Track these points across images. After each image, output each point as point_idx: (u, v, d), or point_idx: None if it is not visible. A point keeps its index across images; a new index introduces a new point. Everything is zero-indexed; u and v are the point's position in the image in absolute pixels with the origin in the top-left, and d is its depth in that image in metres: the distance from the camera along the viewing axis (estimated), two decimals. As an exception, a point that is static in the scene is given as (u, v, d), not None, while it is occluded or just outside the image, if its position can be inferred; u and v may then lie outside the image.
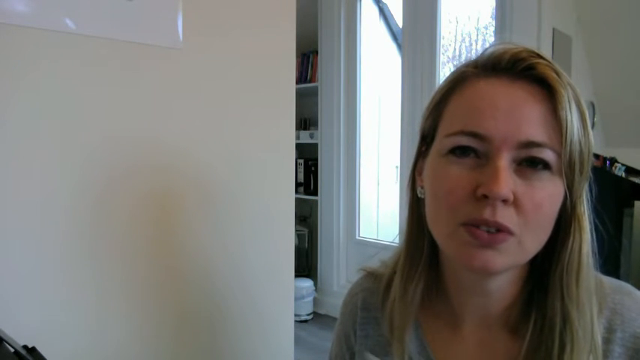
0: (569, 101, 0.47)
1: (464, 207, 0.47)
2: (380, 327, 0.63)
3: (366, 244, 3.12)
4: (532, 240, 0.48)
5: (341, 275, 3.23)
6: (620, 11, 2.50)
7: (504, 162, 0.46)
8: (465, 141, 0.48)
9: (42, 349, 0.55)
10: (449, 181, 0.49)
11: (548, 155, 0.46)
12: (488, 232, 0.46)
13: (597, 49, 2.66)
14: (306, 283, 3.09)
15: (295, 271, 1.15)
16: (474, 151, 0.48)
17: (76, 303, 0.78)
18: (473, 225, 0.47)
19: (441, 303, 0.60)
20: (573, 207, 0.49)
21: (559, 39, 2.37)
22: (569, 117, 0.46)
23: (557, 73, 0.48)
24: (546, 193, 0.47)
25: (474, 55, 0.54)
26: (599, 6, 2.56)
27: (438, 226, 0.52)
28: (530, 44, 0.52)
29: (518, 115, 0.46)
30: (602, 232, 0.54)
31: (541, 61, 0.48)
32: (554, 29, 2.33)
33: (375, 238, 3.22)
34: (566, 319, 0.50)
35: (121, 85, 0.82)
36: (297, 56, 3.18)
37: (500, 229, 0.46)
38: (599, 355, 0.50)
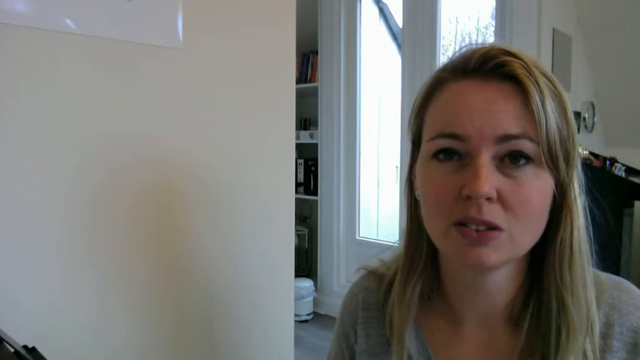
0: (541, 94, 0.47)
1: (452, 208, 0.49)
2: (380, 326, 0.63)
3: (366, 244, 3.12)
4: (524, 234, 0.49)
5: (341, 275, 3.23)
6: (620, 11, 2.50)
7: (484, 160, 0.47)
8: (445, 143, 0.49)
9: (42, 349, 0.55)
10: (435, 185, 0.51)
11: (526, 146, 0.47)
12: (477, 230, 0.47)
13: (597, 49, 2.66)
14: (306, 283, 3.09)
15: (295, 271, 1.15)
16: (457, 153, 0.49)
17: (75, 302, 0.78)
18: (462, 224, 0.48)
19: (441, 302, 0.60)
20: (563, 195, 0.50)
21: (559, 39, 2.37)
22: (541, 109, 0.47)
23: (527, 68, 0.48)
24: (533, 188, 0.48)
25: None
26: (599, 6, 2.56)
27: (432, 228, 0.53)
28: (530, 44, 0.53)
29: (492, 111, 0.47)
30: (603, 229, 0.54)
31: (509, 58, 0.48)
32: (554, 29, 2.33)
33: (375, 238, 3.22)
34: (560, 305, 0.51)
35: (121, 85, 0.82)
36: (297, 56, 3.18)
37: (489, 227, 0.47)
38: (596, 340, 0.51)
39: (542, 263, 0.53)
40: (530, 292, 0.55)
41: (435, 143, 0.50)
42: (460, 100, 0.49)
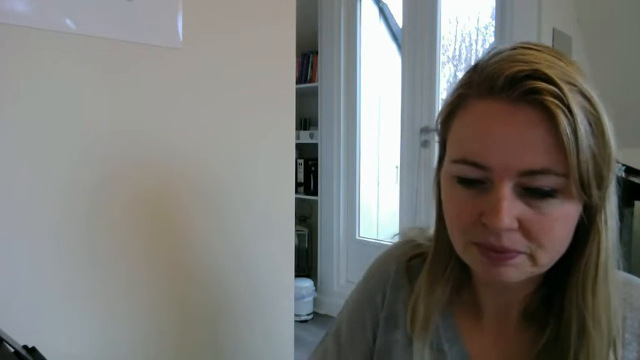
0: (573, 121, 0.43)
1: (472, 229, 0.49)
2: (405, 300, 0.63)
3: (366, 244, 3.12)
4: (546, 256, 0.48)
5: (341, 275, 3.23)
6: (620, 11, 2.50)
7: (505, 191, 0.45)
8: (467, 171, 0.48)
9: (42, 349, 0.55)
10: (456, 206, 0.51)
11: (551, 181, 0.45)
12: (496, 251, 0.48)
13: (597, 49, 2.66)
14: (306, 283, 3.09)
15: (295, 271, 1.15)
16: (479, 179, 0.48)
17: (75, 302, 0.78)
18: (482, 246, 0.49)
19: (467, 294, 0.61)
20: (592, 217, 0.48)
21: (559, 39, 2.37)
22: (572, 139, 0.43)
23: (557, 95, 0.43)
24: (556, 217, 0.46)
25: (476, 56, 0.53)
26: (599, 6, 2.55)
27: (453, 239, 0.54)
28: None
29: (517, 142, 0.45)
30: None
31: (538, 84, 0.44)
32: (554, 29, 2.33)
33: (375, 238, 3.21)
34: (581, 327, 0.50)
35: (121, 85, 0.82)
36: (297, 56, 3.17)
37: (507, 251, 0.47)
38: (619, 348, 0.51)
39: (564, 279, 0.52)
40: (548, 298, 0.54)
41: (458, 168, 0.49)
42: (484, 126, 0.47)
